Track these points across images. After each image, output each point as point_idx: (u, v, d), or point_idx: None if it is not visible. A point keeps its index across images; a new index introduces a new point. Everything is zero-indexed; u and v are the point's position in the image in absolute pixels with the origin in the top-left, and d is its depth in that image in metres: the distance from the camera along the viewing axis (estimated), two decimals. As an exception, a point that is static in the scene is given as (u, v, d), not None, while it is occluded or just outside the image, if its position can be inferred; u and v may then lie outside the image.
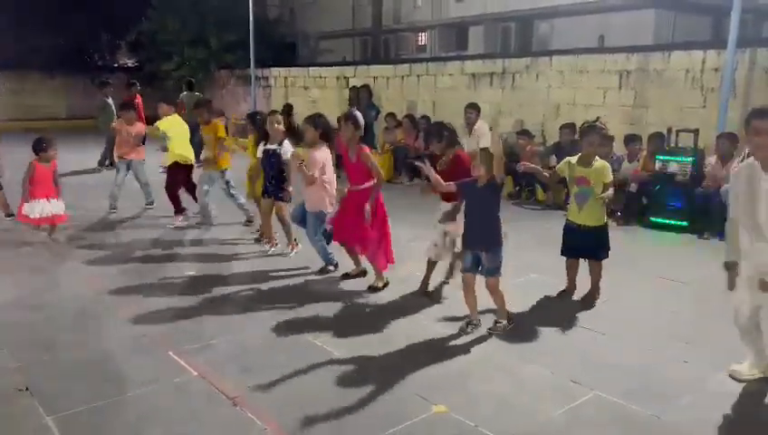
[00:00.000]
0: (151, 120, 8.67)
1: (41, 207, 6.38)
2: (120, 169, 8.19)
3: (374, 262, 5.24)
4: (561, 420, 3.27)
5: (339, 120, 5.21)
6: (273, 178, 6.17)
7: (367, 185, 5.12)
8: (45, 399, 3.39)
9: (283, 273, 5.72)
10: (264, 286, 5.34)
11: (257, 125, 6.51)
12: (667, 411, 3.34)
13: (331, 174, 5.50)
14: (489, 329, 4.35)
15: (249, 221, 7.38)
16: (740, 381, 3.66)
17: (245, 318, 4.62)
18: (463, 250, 4.42)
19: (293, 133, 6.40)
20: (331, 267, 5.68)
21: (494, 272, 4.28)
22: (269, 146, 6.16)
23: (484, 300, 4.42)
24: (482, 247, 4.27)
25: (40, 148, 6.44)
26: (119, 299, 4.98)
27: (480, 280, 4.32)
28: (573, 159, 4.83)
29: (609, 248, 4.95)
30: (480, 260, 4.28)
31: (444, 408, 3.35)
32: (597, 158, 4.78)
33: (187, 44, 18.15)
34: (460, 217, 4.53)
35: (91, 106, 13.48)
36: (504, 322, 4.39)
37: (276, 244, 6.40)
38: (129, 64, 23.60)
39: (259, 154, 6.29)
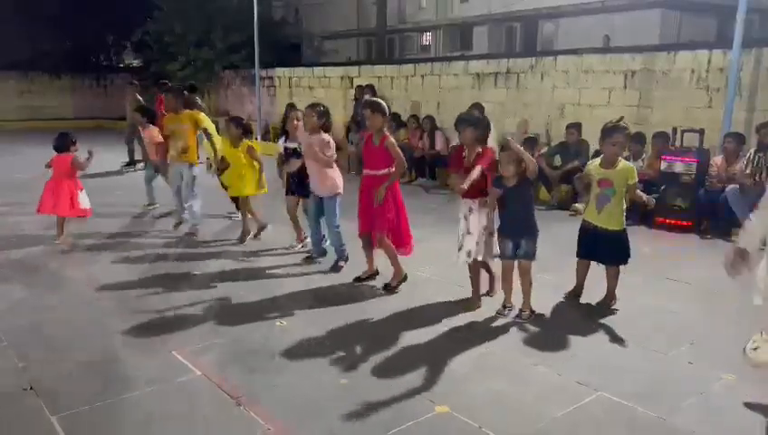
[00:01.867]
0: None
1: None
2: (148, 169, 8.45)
3: (389, 248, 5.18)
4: (565, 421, 3.26)
5: (364, 108, 5.22)
6: (295, 176, 6.20)
7: (384, 171, 5.11)
8: (50, 398, 3.40)
9: (289, 272, 5.73)
10: (270, 286, 5.34)
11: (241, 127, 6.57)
12: (673, 413, 3.33)
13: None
14: (516, 317, 4.57)
15: (178, 224, 7.19)
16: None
17: (250, 318, 4.61)
18: (501, 239, 4.59)
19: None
20: (342, 263, 5.68)
21: (531, 255, 4.56)
22: (289, 144, 6.17)
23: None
24: (521, 236, 4.54)
25: (72, 143, 6.49)
26: (123, 299, 4.99)
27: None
28: (597, 161, 4.78)
29: (628, 254, 4.84)
30: (519, 246, 4.54)
31: (447, 408, 3.34)
32: (621, 159, 4.69)
33: (193, 45, 18.19)
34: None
35: (96, 106, 13.58)
36: (527, 313, 4.60)
37: (306, 238, 6.39)
38: (135, 65, 23.69)
39: (280, 149, 6.34)
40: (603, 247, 4.79)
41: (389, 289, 5.16)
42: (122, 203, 8.55)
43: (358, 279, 5.45)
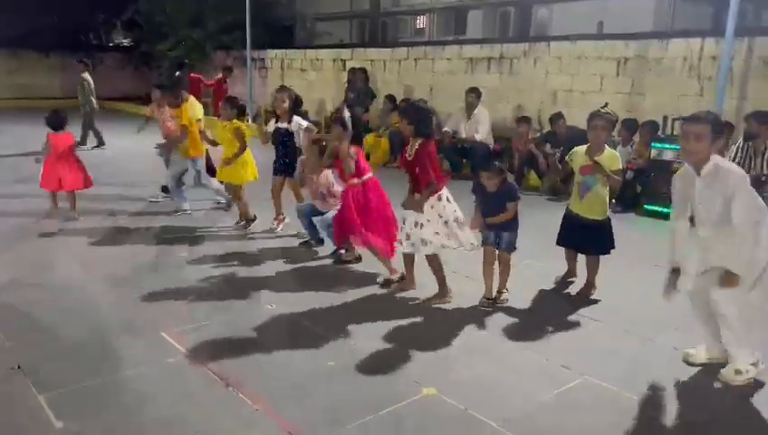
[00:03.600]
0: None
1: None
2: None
3: (382, 251, 5.10)
4: (550, 404, 3.31)
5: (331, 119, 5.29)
6: (283, 157, 6.21)
7: (370, 175, 5.13)
8: (38, 378, 3.40)
9: (279, 255, 5.73)
10: (260, 269, 5.35)
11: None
12: (657, 397, 3.38)
13: None
14: (495, 302, 4.58)
15: (229, 205, 7.18)
16: (693, 365, 3.74)
17: (239, 300, 4.62)
18: (484, 229, 4.59)
19: (299, 108, 6.35)
20: (342, 251, 5.60)
21: (511, 247, 4.59)
22: (280, 124, 6.16)
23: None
24: (503, 230, 4.54)
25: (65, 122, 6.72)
26: (112, 280, 4.98)
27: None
28: (582, 149, 4.73)
29: (611, 245, 4.84)
30: (499, 237, 4.55)
31: (434, 391, 3.37)
32: (607, 147, 4.66)
33: (184, 25, 17.97)
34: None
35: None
36: (505, 293, 4.65)
37: (284, 220, 6.42)
38: (125, 44, 23.39)
39: (270, 130, 6.32)
40: (585, 237, 4.75)
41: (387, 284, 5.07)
42: (113, 184, 8.49)
43: (339, 260, 5.49)
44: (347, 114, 5.25)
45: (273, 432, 3.02)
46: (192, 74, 13.20)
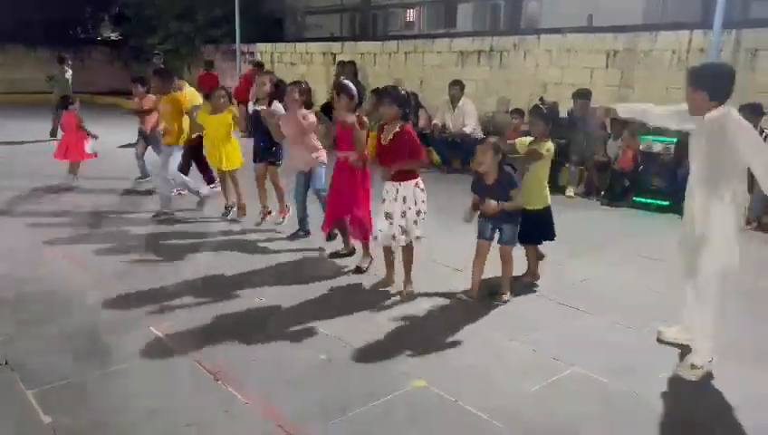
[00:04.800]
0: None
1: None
2: None
3: (362, 231, 5.12)
4: (539, 395, 3.33)
5: (333, 90, 5.22)
6: (262, 142, 6.15)
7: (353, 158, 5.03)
8: (26, 373, 3.38)
9: (268, 248, 5.72)
10: (249, 262, 5.33)
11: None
12: (645, 387, 3.41)
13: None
14: (494, 300, 4.52)
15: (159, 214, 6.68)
16: (664, 342, 3.90)
17: (227, 294, 4.60)
18: (483, 221, 4.53)
19: (282, 95, 6.28)
20: (336, 231, 5.53)
21: (512, 241, 4.55)
22: (258, 106, 6.10)
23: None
24: (502, 222, 4.48)
25: (70, 103, 8.36)
26: (101, 275, 4.96)
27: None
28: (526, 140, 4.82)
29: (552, 233, 4.89)
30: (500, 231, 4.50)
31: (423, 382, 3.38)
32: (547, 139, 4.71)
33: (173, 18, 17.84)
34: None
35: (73, 80, 13.34)
36: (508, 294, 4.58)
37: (270, 213, 6.40)
38: (113, 38, 23.20)
39: (250, 112, 6.27)
40: (525, 227, 4.66)
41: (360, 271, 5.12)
42: (102, 178, 8.44)
43: (336, 254, 5.48)
44: (349, 84, 5.15)
45: (262, 425, 3.02)
46: (208, 72, 13.38)
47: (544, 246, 5.06)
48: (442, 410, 3.16)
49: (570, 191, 8.34)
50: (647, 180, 7.59)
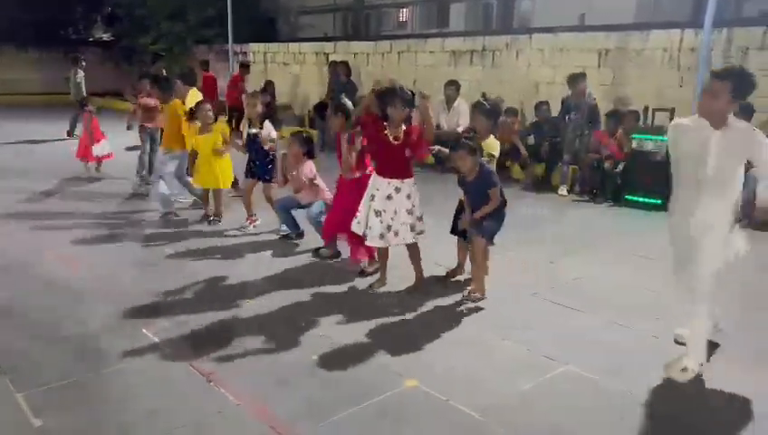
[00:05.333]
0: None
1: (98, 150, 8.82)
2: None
3: (359, 252, 5.13)
4: (531, 394, 3.33)
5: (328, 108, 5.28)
6: (255, 162, 6.19)
7: (359, 174, 4.98)
8: (16, 375, 3.36)
9: (258, 250, 5.71)
10: (239, 265, 5.32)
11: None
12: (638, 386, 3.41)
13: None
14: (464, 296, 4.50)
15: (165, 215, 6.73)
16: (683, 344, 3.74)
17: (221, 297, 4.59)
18: (469, 224, 4.54)
19: (273, 114, 6.34)
20: (324, 250, 5.55)
21: (488, 234, 4.48)
22: (252, 130, 6.15)
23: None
24: (487, 217, 4.48)
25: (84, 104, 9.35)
26: (93, 276, 4.93)
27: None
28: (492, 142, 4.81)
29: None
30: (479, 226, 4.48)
31: (415, 382, 3.38)
32: (491, 135, 4.75)
33: (165, 18, 17.77)
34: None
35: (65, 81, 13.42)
36: (478, 294, 4.51)
37: (256, 221, 6.37)
38: (105, 38, 23.09)
39: (244, 134, 6.26)
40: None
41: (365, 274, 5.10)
42: (97, 180, 8.42)
43: (318, 255, 5.47)
44: (347, 102, 5.18)
45: (255, 426, 3.01)
46: (206, 73, 13.39)
47: (537, 246, 5.07)
48: (434, 409, 3.16)
49: (562, 190, 8.37)
50: (639, 179, 7.61)
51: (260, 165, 6.18)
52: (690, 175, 3.53)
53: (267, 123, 6.15)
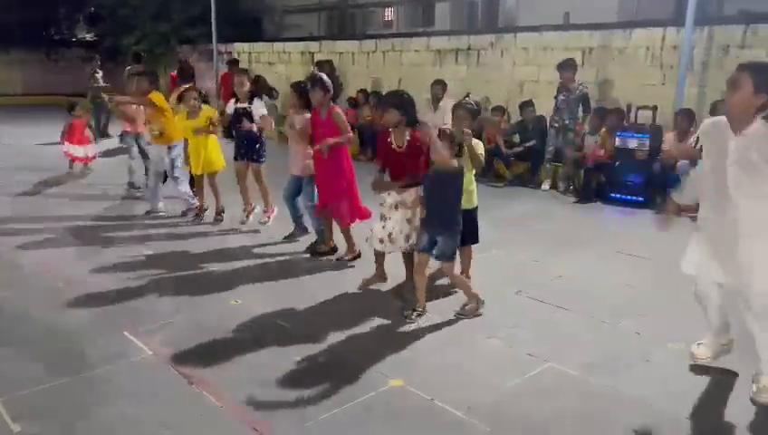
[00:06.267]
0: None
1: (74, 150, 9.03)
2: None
3: (341, 218, 5.21)
4: (515, 391, 3.33)
5: (307, 82, 5.25)
6: (245, 140, 6.08)
7: (334, 140, 5.05)
8: (-5, 381, 3.32)
9: (243, 248, 5.68)
10: (222, 264, 5.28)
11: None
12: (621, 381, 3.43)
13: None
14: (456, 313, 4.27)
15: (187, 212, 6.74)
16: (700, 365, 3.56)
17: (203, 297, 4.56)
18: (420, 231, 4.32)
19: (260, 92, 6.22)
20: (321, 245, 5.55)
21: (448, 257, 4.18)
22: (240, 105, 6.03)
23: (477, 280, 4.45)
24: (440, 231, 4.17)
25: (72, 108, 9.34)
26: (73, 278, 4.87)
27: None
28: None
29: (476, 235, 4.72)
30: (435, 243, 4.17)
31: (400, 382, 3.37)
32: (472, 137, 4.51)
33: (149, 18, 17.63)
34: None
35: (47, 82, 13.44)
36: (473, 304, 4.29)
37: (253, 209, 6.33)
38: (88, 38, 22.87)
39: (229, 111, 6.18)
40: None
41: (341, 260, 5.26)
42: (74, 184, 8.33)
43: (313, 252, 5.45)
44: (326, 78, 5.16)
45: (237, 428, 2.99)
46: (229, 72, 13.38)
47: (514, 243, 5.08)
48: (419, 409, 3.15)
49: (545, 185, 8.45)
50: (622, 177, 7.66)
51: (248, 144, 6.09)
52: (712, 182, 3.22)
53: (256, 100, 6.02)
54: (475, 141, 4.54)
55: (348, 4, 18.03)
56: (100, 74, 13.25)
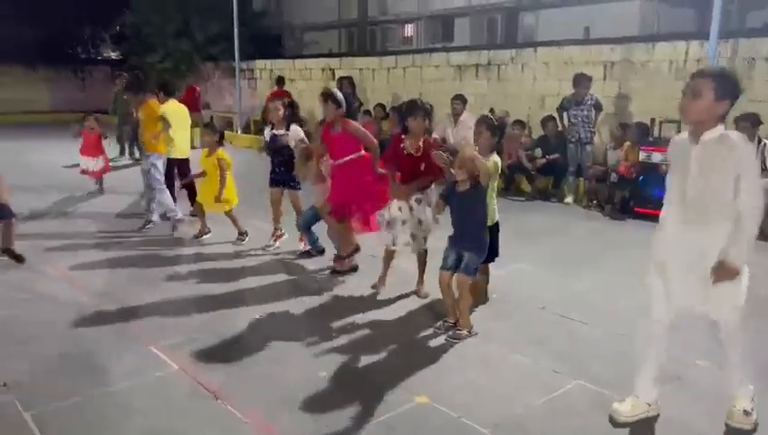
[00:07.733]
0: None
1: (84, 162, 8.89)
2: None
3: (364, 221, 5.24)
4: (543, 410, 3.28)
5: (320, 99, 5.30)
6: (281, 166, 6.00)
7: (352, 156, 5.12)
8: (23, 394, 3.34)
9: (265, 264, 5.69)
10: (248, 281, 5.30)
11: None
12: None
13: None
14: (448, 337, 4.12)
15: (147, 223, 6.82)
16: (621, 424, 3.18)
17: (228, 313, 4.57)
18: (447, 249, 4.26)
19: (297, 116, 6.19)
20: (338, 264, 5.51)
21: (471, 272, 4.13)
22: (276, 131, 5.98)
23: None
24: (468, 247, 4.15)
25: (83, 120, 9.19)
26: (99, 294, 4.92)
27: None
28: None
29: (495, 251, 4.60)
30: (461, 260, 4.15)
31: (426, 399, 3.34)
32: (494, 153, 4.47)
33: (172, 37, 17.96)
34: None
35: (74, 99, 13.64)
36: (465, 331, 4.14)
37: (282, 235, 6.23)
38: (113, 57, 23.36)
39: (266, 138, 6.11)
40: None
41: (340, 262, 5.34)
42: (97, 200, 8.45)
43: (334, 271, 5.43)
44: (338, 93, 5.24)
45: (263, 445, 2.98)
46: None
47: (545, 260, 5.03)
48: (446, 427, 3.12)
49: (568, 199, 8.41)
50: (647, 191, 7.57)
51: (284, 171, 6.00)
52: (677, 193, 3.12)
53: (294, 126, 5.92)
54: (494, 157, 4.46)
55: (367, 21, 18.20)
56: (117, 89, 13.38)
